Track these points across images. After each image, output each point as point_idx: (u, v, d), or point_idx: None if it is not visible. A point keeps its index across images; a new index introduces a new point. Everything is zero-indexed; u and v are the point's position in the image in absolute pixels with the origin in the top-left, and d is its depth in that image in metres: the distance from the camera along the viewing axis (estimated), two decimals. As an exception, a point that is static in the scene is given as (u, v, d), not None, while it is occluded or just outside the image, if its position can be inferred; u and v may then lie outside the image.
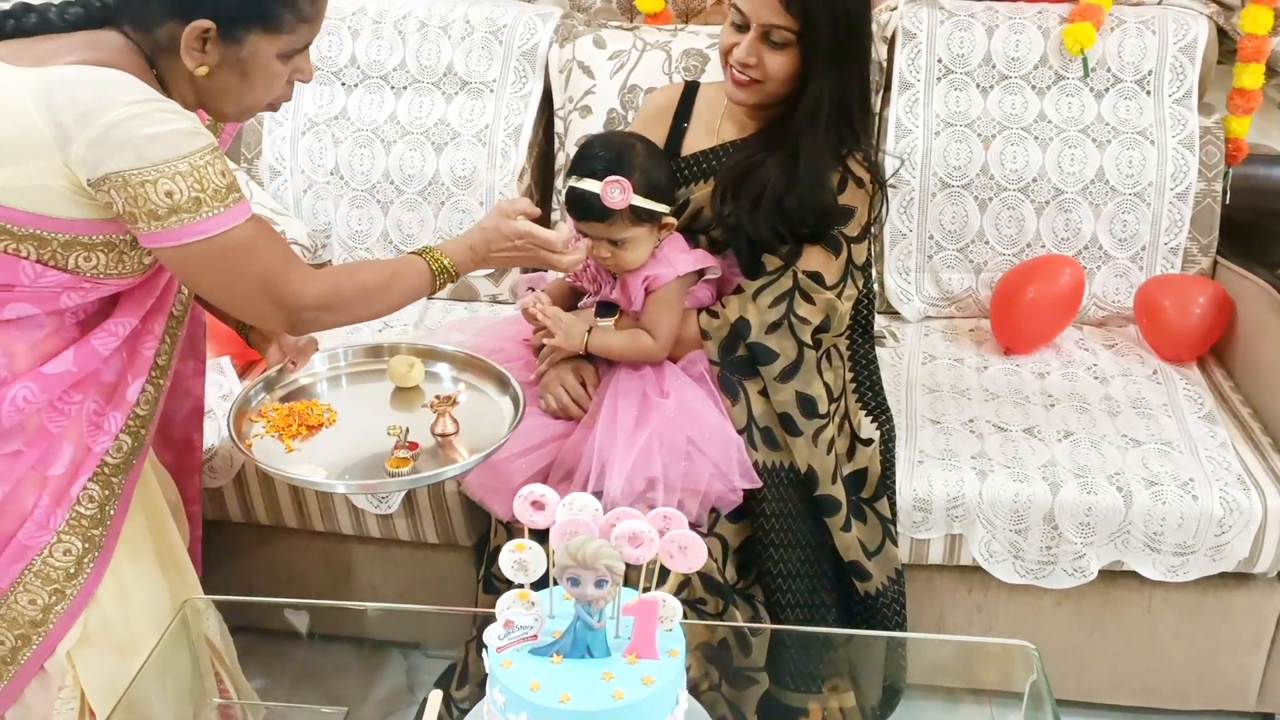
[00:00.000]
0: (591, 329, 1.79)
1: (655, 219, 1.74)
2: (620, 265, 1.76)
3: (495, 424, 1.62)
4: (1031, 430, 1.98)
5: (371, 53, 2.46)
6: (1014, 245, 2.32)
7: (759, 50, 1.75)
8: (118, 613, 1.49)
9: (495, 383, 1.71)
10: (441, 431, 1.57)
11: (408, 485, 1.59)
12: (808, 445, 1.76)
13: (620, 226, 1.70)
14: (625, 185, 1.67)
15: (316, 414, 1.64)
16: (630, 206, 1.68)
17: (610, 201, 1.67)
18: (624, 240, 1.72)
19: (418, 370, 1.71)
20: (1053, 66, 2.32)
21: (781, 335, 1.77)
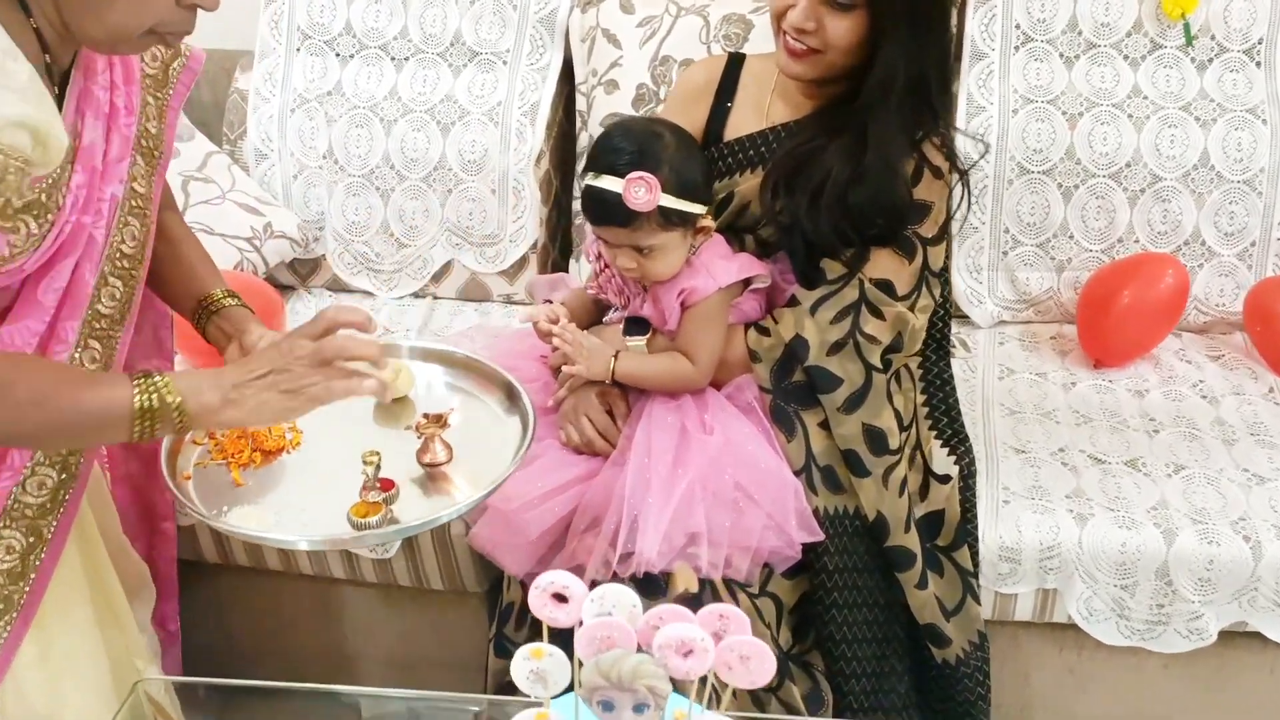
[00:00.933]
0: (619, 354, 1.51)
1: (689, 221, 1.45)
2: (648, 276, 1.48)
3: (499, 448, 1.32)
4: (1135, 463, 1.70)
5: (368, 19, 2.18)
6: (1103, 240, 2.02)
7: (819, 13, 1.46)
8: (39, 687, 1.24)
9: (501, 394, 1.42)
10: (430, 460, 1.29)
11: (378, 539, 1.28)
12: (876, 487, 1.49)
13: (647, 232, 1.43)
14: (652, 183, 1.39)
15: (275, 434, 1.36)
16: (658, 208, 1.40)
17: (634, 202, 1.39)
18: (651, 248, 1.44)
19: (406, 378, 1.41)
20: (1148, 34, 2.02)
21: (846, 357, 1.49)
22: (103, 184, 1.22)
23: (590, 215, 1.47)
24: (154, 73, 1.32)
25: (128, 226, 1.28)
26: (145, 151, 1.30)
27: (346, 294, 2.22)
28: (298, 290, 2.23)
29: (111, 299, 1.28)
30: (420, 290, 2.19)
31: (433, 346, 1.46)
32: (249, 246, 2.07)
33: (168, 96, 1.34)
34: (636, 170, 1.39)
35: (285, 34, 2.20)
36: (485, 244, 2.16)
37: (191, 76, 1.36)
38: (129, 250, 1.28)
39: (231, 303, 1.39)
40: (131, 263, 1.29)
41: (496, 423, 1.37)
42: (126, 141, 1.25)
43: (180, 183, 2.05)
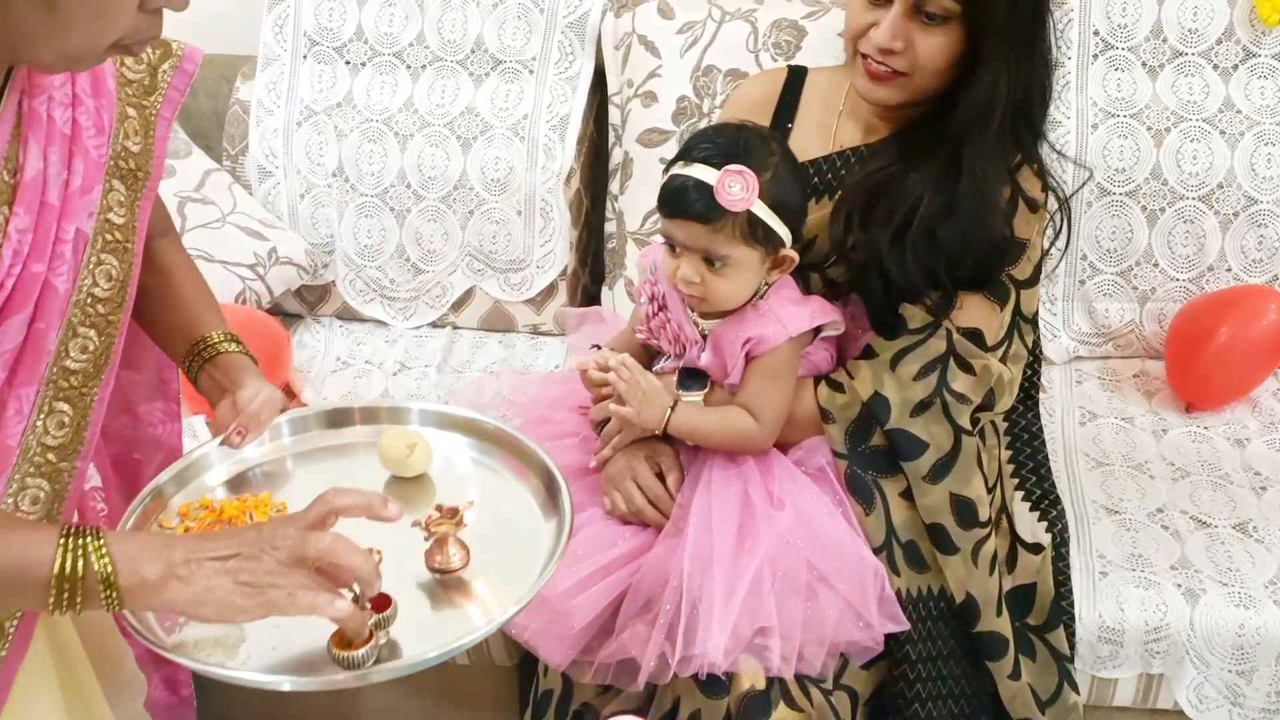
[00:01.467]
0: (676, 403, 1.33)
1: (773, 245, 1.27)
2: (710, 298, 1.29)
3: (528, 546, 1.08)
4: (1245, 527, 1.51)
5: (382, 24, 1.99)
6: (1191, 268, 1.84)
7: (908, 30, 1.29)
8: None
9: (536, 479, 1.16)
10: (442, 566, 1.05)
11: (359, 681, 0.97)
12: (965, 565, 1.32)
13: (727, 238, 1.24)
14: (750, 181, 1.21)
15: (260, 518, 1.13)
16: (749, 213, 1.22)
17: (726, 198, 1.21)
18: (725, 260, 1.26)
19: (424, 453, 1.18)
20: (1241, 41, 1.83)
21: (931, 419, 1.31)
22: (63, 221, 1.02)
23: (666, 207, 1.27)
24: (137, 78, 1.11)
25: (102, 266, 1.07)
26: (125, 174, 1.10)
27: (358, 323, 2.04)
28: (305, 319, 2.05)
29: (83, 352, 1.08)
30: (439, 320, 2.01)
31: (456, 413, 1.25)
32: (251, 274, 1.89)
33: (156, 105, 1.13)
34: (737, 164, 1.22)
35: (291, 40, 2.02)
36: (510, 270, 1.97)
37: (185, 80, 1.14)
38: (104, 293, 1.08)
39: (230, 349, 1.19)
40: (108, 307, 1.09)
41: (526, 514, 1.14)
42: (97, 166, 1.05)
43: (176, 205, 1.87)
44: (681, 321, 1.34)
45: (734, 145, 1.26)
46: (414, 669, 0.96)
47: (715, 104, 1.86)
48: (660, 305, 1.37)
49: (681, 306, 1.34)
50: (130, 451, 1.31)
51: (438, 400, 1.81)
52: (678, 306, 1.34)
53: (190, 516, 1.14)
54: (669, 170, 1.29)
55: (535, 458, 1.17)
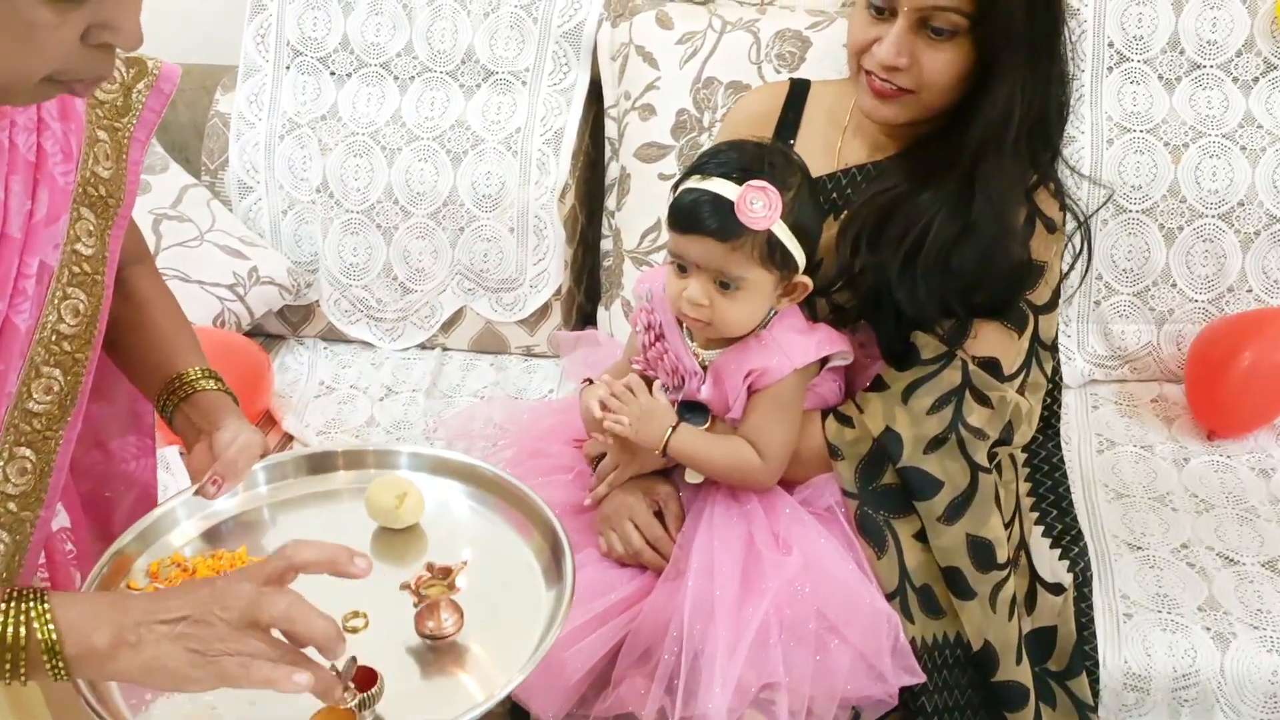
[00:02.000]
0: (677, 425, 1.25)
1: (789, 269, 1.19)
2: (715, 325, 1.21)
3: (526, 606, 1.00)
4: (1274, 564, 1.44)
5: (368, 33, 1.91)
6: (1210, 289, 1.76)
7: (913, 46, 1.21)
8: None
9: (538, 533, 1.08)
10: (434, 631, 0.97)
11: None
12: (982, 610, 1.24)
13: (743, 258, 1.16)
14: (773, 198, 1.13)
15: None
16: (770, 232, 1.15)
17: (748, 214, 1.13)
18: (738, 283, 1.18)
19: (413, 504, 1.09)
20: (1262, 53, 1.76)
21: (946, 455, 1.24)
22: (25, 255, 0.94)
23: (680, 222, 1.18)
24: (109, 99, 1.03)
25: (68, 300, 1.00)
26: (94, 202, 1.01)
27: (343, 344, 1.96)
28: (287, 341, 1.97)
29: (47, 393, 1.00)
30: (428, 341, 1.94)
31: (451, 458, 1.16)
32: (231, 295, 1.81)
33: (129, 127, 1.05)
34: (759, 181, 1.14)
35: (273, 49, 1.94)
36: (502, 289, 1.90)
37: (162, 100, 1.07)
38: (70, 330, 1.00)
39: (208, 386, 1.10)
40: (75, 344, 1.01)
41: (525, 570, 1.05)
42: (64, 194, 0.97)
43: (151, 223, 1.79)
44: (680, 352, 1.27)
45: (756, 160, 1.18)
46: None
47: (716, 117, 1.79)
48: (658, 334, 1.29)
49: (680, 336, 1.26)
50: (101, 489, 1.23)
51: (426, 427, 1.74)
52: (676, 336, 1.27)
53: (161, 576, 1.05)
54: (682, 184, 1.21)
55: (537, 510, 1.08)
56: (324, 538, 0.98)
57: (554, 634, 0.94)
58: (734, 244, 1.15)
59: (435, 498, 1.11)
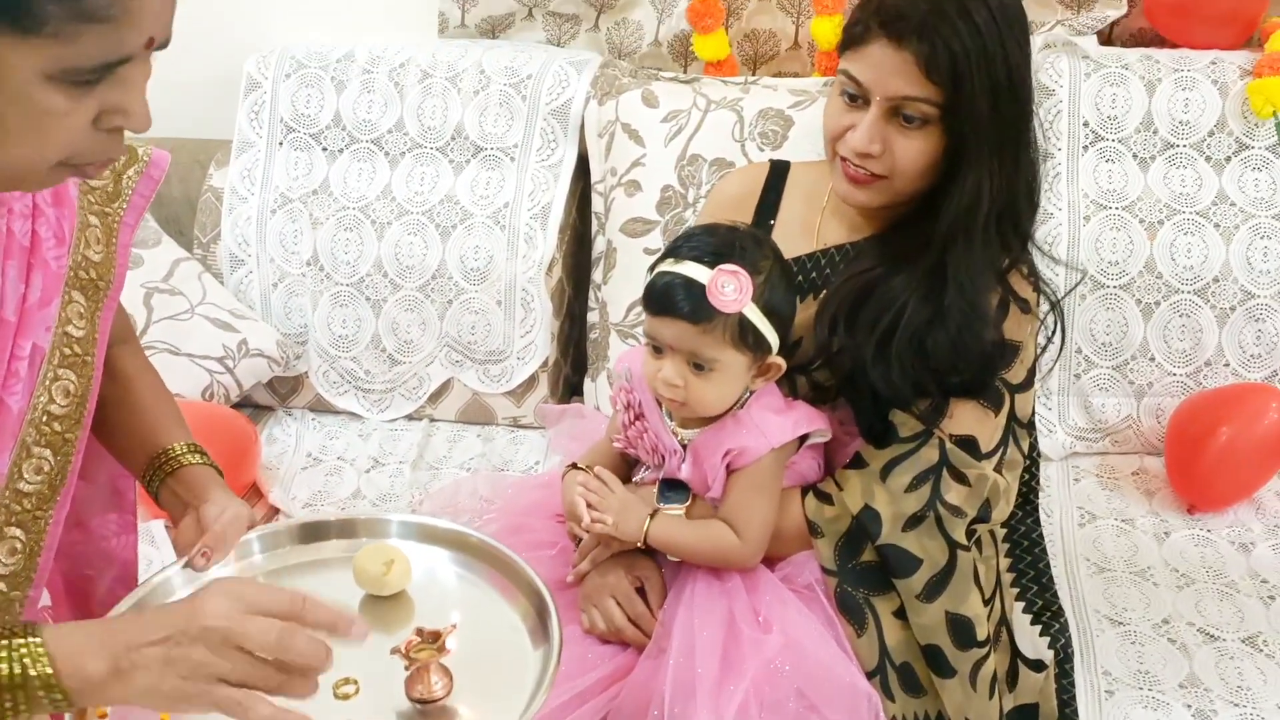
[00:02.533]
0: (655, 513, 1.26)
1: (762, 350, 1.21)
2: (690, 405, 1.22)
3: (514, 670, 1.02)
4: (1254, 640, 1.45)
5: (360, 110, 1.95)
6: (1188, 363, 1.79)
7: (885, 133, 1.24)
8: None
9: (522, 592, 1.09)
10: (423, 695, 0.98)
11: None
12: (963, 688, 1.24)
13: (715, 340, 1.18)
14: (744, 282, 1.15)
15: None
16: (741, 315, 1.16)
17: (719, 298, 1.15)
18: (712, 364, 1.19)
19: (400, 572, 1.10)
20: (1234, 133, 1.80)
21: (925, 533, 1.25)
22: (18, 338, 0.96)
23: (654, 305, 1.21)
24: (100, 184, 1.06)
25: (59, 381, 1.02)
26: (85, 285, 1.04)
27: (331, 415, 1.97)
28: (275, 412, 1.98)
29: (37, 473, 1.01)
30: (415, 412, 1.95)
31: (438, 525, 1.17)
32: (220, 368, 1.82)
33: (119, 212, 1.08)
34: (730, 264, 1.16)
35: (267, 126, 1.98)
36: (489, 361, 1.91)
37: (151, 186, 1.10)
38: (61, 410, 1.02)
39: (194, 460, 1.12)
40: (65, 425, 1.03)
41: (511, 634, 1.06)
42: (56, 278, 1.00)
43: (142, 296, 1.81)
44: (659, 431, 1.28)
45: (727, 244, 1.20)
46: None
47: (700, 193, 1.82)
48: (637, 414, 1.30)
49: (659, 415, 1.28)
50: (82, 568, 1.24)
51: (412, 500, 1.75)
52: (655, 415, 1.28)
53: None
54: (656, 267, 1.23)
55: (523, 575, 1.09)
56: None
57: (541, 696, 0.95)
58: (705, 327, 1.17)
59: (421, 565, 1.12)
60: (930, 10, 1.19)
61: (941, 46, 1.18)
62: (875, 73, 1.22)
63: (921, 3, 1.20)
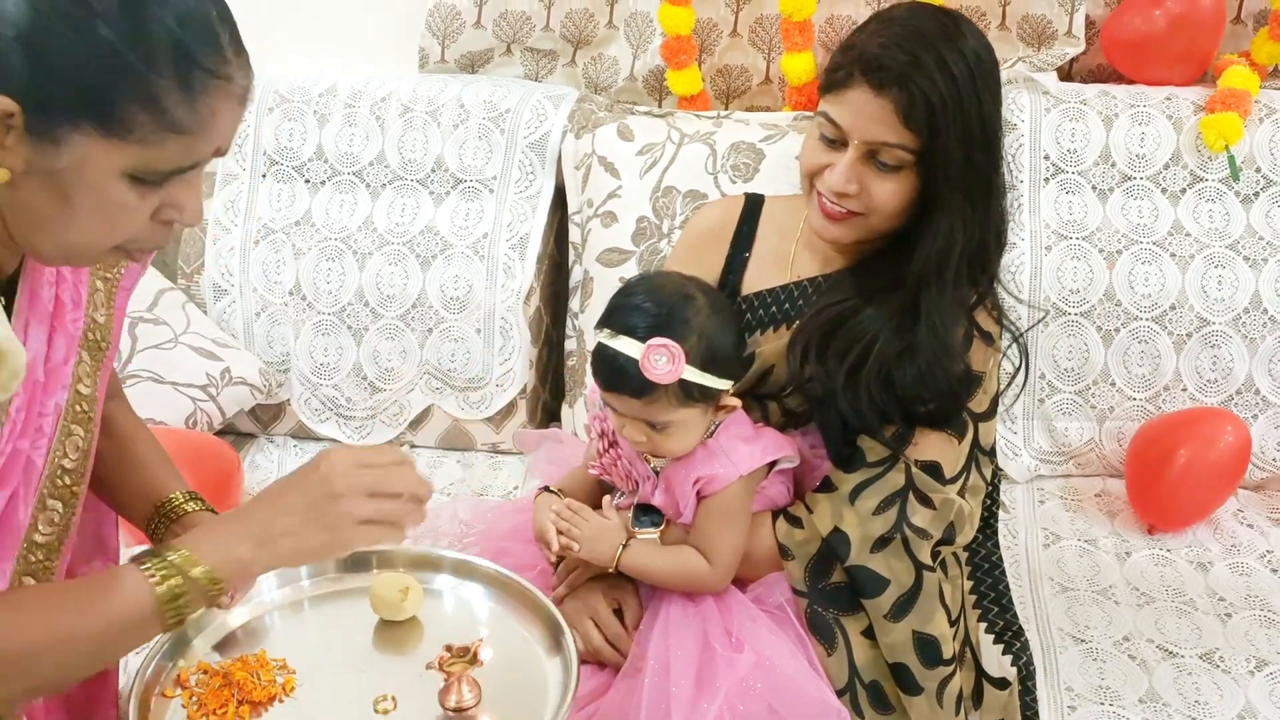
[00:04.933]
0: (628, 541, 1.30)
1: (711, 397, 1.26)
2: (660, 452, 1.28)
3: (534, 683, 1.12)
4: (1211, 656, 1.50)
5: (342, 143, 2.00)
6: (1147, 388, 1.85)
7: (861, 175, 1.29)
8: None
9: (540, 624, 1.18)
10: (457, 705, 1.08)
11: None
12: (929, 705, 1.28)
13: (663, 406, 1.23)
14: (675, 353, 1.19)
15: (265, 679, 1.12)
16: (680, 381, 1.21)
17: (653, 373, 1.19)
18: (667, 424, 1.25)
19: (415, 598, 1.20)
20: (1188, 166, 1.87)
21: (892, 554, 1.29)
22: (44, 396, 1.01)
23: (600, 379, 1.26)
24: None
25: (71, 437, 1.06)
26: (91, 345, 1.09)
27: (313, 442, 2.00)
28: (258, 439, 2.01)
29: (49, 525, 1.05)
30: (396, 439, 1.98)
31: (444, 555, 1.27)
32: (203, 395, 1.85)
33: (118, 277, 1.13)
34: (660, 336, 1.20)
35: (250, 158, 2.02)
36: (469, 388, 1.95)
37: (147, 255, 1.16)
38: (70, 464, 1.07)
39: (194, 508, 1.18)
40: (73, 478, 1.07)
41: (528, 649, 1.16)
42: (73, 340, 1.05)
43: (127, 325, 1.83)
44: (632, 459, 1.32)
45: (657, 313, 1.23)
46: None
47: (675, 224, 1.87)
48: (611, 442, 1.35)
49: (631, 444, 1.32)
50: None
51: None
52: (628, 444, 1.32)
53: (190, 683, 1.12)
54: (599, 331, 1.27)
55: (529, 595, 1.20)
56: (328, 634, 1.19)
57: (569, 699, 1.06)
58: (649, 399, 1.22)
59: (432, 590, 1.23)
60: (910, 61, 1.24)
61: (919, 96, 1.23)
62: (854, 117, 1.27)
63: (901, 53, 1.24)
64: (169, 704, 1.10)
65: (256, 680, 1.12)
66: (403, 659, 1.15)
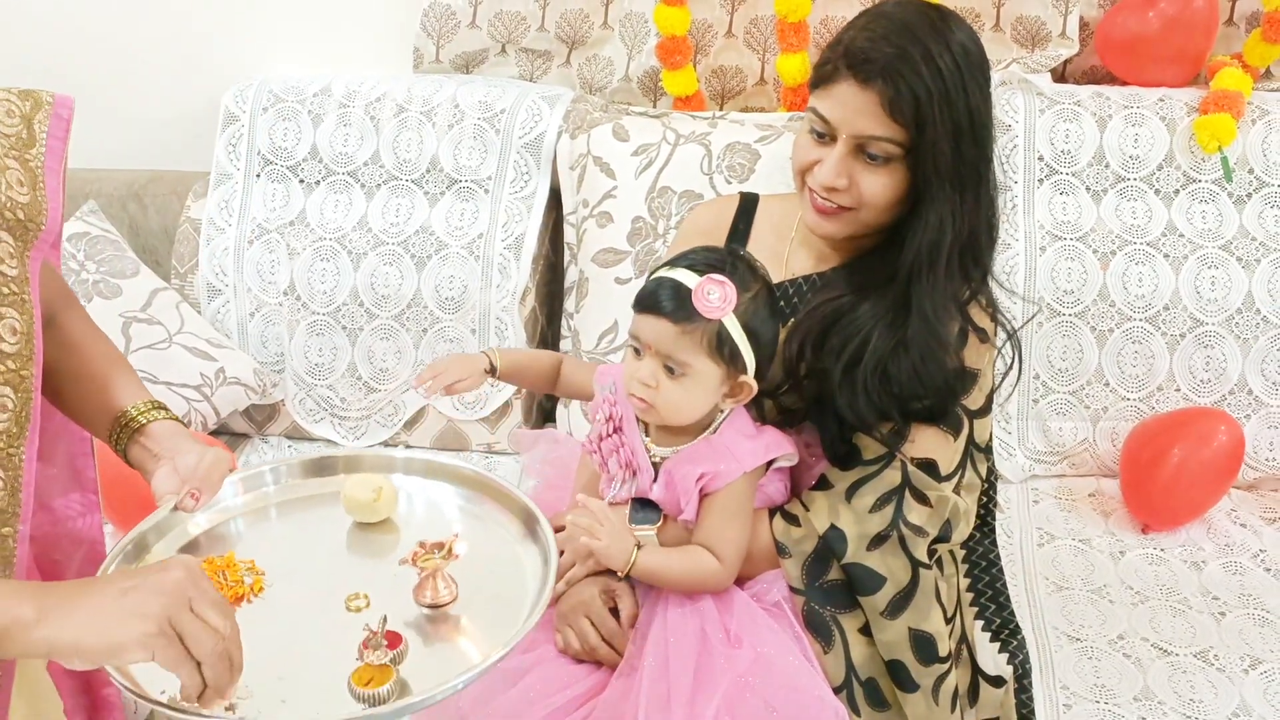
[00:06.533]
0: (641, 545, 1.29)
1: (736, 366, 1.25)
2: (658, 408, 1.25)
3: (512, 578, 1.12)
4: (1205, 655, 1.50)
5: (336, 143, 1.99)
6: (1141, 388, 1.85)
7: (850, 169, 1.29)
8: None
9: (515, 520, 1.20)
10: (432, 600, 1.07)
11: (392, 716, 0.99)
12: (925, 702, 1.28)
13: (693, 343, 1.21)
14: (729, 293, 1.20)
15: (232, 579, 1.13)
16: (720, 324, 1.21)
17: (703, 302, 1.19)
18: (684, 368, 1.23)
19: (388, 496, 1.20)
20: (1181, 167, 1.88)
21: (889, 552, 1.29)
22: None
23: (640, 302, 1.25)
24: (13, 131, 1.11)
25: (4, 320, 1.06)
26: (13, 226, 1.08)
27: (307, 443, 2.00)
28: (252, 439, 2.00)
29: (2, 411, 1.05)
30: (391, 439, 1.98)
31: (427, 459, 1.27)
32: (198, 395, 1.85)
33: (40, 158, 1.13)
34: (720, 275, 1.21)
35: (244, 158, 2.02)
36: (463, 389, 1.95)
37: (63, 127, 1.15)
38: (10, 348, 1.06)
39: (157, 416, 1.17)
40: (18, 361, 1.07)
41: (502, 544, 1.16)
42: None
43: (120, 325, 1.84)
44: (635, 447, 1.32)
45: (722, 260, 1.25)
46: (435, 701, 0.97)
47: (670, 225, 1.87)
48: (616, 427, 1.34)
49: (637, 432, 1.32)
50: (51, 552, 1.26)
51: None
52: (634, 431, 1.32)
53: None
54: (652, 274, 1.27)
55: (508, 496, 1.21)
56: (299, 537, 1.18)
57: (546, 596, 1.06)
58: (685, 328, 1.21)
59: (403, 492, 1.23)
60: (895, 54, 1.25)
61: (905, 89, 1.24)
62: (842, 111, 1.28)
63: (887, 46, 1.25)
64: None
65: (223, 580, 1.13)
66: (377, 559, 1.15)
